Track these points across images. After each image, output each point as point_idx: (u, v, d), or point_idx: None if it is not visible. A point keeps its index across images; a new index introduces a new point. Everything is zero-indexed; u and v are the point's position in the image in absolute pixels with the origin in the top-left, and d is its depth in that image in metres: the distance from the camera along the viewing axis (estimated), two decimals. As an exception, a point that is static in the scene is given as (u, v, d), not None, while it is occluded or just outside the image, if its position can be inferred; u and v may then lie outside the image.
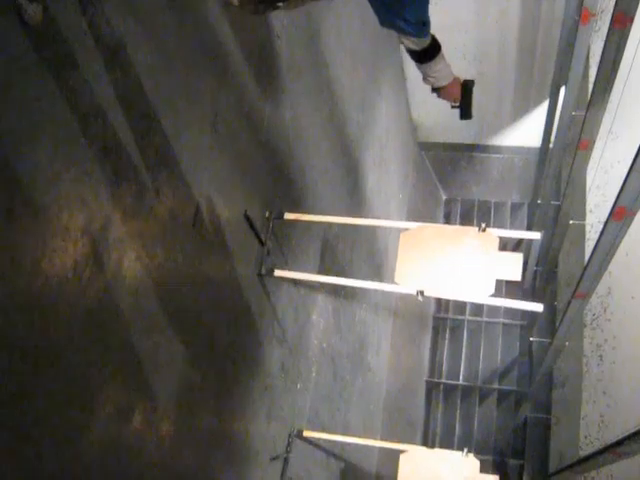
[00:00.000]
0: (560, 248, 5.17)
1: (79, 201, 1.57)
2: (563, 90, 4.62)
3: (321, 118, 3.79)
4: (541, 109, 6.37)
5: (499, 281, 2.76)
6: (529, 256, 6.32)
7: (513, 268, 2.79)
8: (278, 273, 2.96)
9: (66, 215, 1.53)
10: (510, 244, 6.98)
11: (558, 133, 5.02)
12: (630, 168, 1.99)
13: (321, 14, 3.64)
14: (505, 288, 6.11)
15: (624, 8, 2.64)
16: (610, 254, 2.60)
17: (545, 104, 5.70)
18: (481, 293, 2.77)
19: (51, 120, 1.47)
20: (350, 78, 4.42)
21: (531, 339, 6.99)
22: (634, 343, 3.62)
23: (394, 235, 5.05)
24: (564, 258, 5.65)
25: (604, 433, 3.89)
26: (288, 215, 3.03)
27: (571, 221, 4.60)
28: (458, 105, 2.37)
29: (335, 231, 4.15)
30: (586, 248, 4.60)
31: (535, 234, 3.19)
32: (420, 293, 2.80)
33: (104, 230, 1.68)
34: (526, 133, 7.07)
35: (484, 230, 2.85)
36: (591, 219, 4.58)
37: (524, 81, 6.42)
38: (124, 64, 1.75)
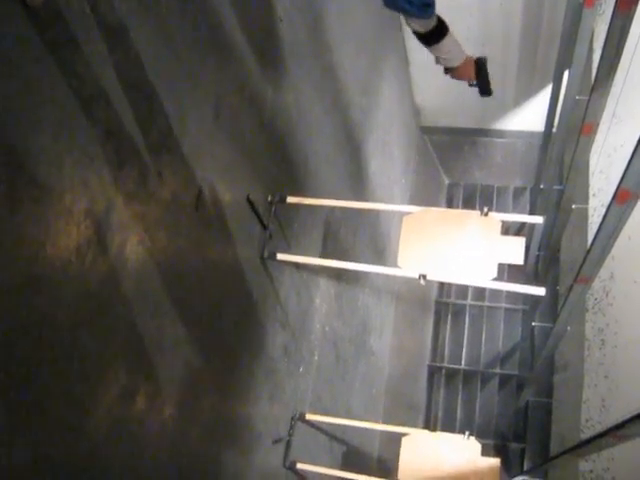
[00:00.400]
0: (562, 232, 5.16)
1: (82, 184, 1.58)
2: (567, 74, 4.59)
3: (324, 102, 3.77)
4: (544, 93, 6.33)
5: (501, 265, 2.76)
6: (531, 241, 6.31)
7: (515, 252, 2.79)
8: (281, 257, 2.97)
9: (69, 198, 1.53)
10: (512, 229, 6.96)
11: (561, 117, 4.99)
12: (634, 151, 1.98)
13: (324, -3, 3.62)
14: (507, 273, 6.12)
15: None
16: (613, 238, 2.59)
17: (548, 88, 5.66)
18: (483, 277, 2.77)
19: (53, 102, 1.47)
20: (353, 62, 4.40)
21: (533, 324, 7.00)
22: (636, 327, 3.63)
23: (397, 219, 5.05)
24: (567, 243, 5.64)
25: (605, 417, 3.91)
26: (291, 199, 3.02)
27: (574, 205, 4.58)
28: (475, 84, 2.37)
29: (337, 215, 4.15)
30: (589, 232, 4.58)
31: (538, 218, 3.18)
32: (422, 277, 2.80)
33: (107, 213, 1.69)
34: (529, 117, 7.03)
35: (486, 214, 2.84)
36: (594, 203, 4.56)
37: (527, 65, 6.38)
38: (126, 46, 1.74)
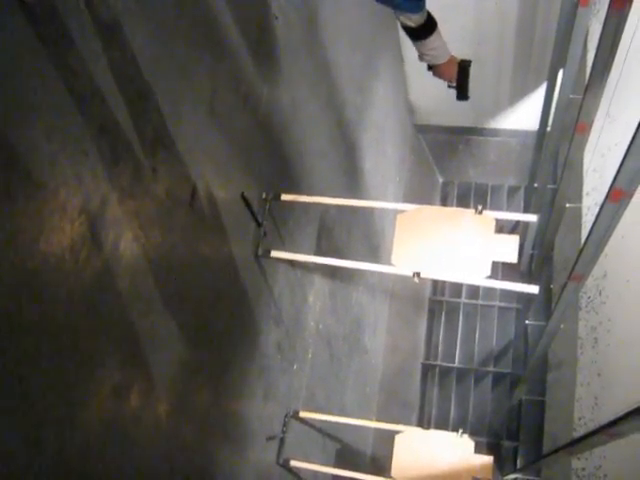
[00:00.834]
0: (556, 231, 5.17)
1: (76, 180, 1.57)
2: (561, 73, 4.60)
3: (319, 100, 3.77)
4: (539, 92, 6.34)
5: (495, 264, 2.77)
6: (525, 239, 6.32)
7: (509, 250, 2.79)
8: (275, 254, 2.97)
9: (63, 194, 1.52)
10: (507, 228, 6.98)
11: (555, 116, 5.00)
12: (627, 150, 1.99)
13: (319, -6, 3.62)
14: (501, 271, 6.13)
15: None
16: (606, 236, 2.60)
17: (543, 87, 5.67)
18: (477, 275, 2.77)
19: (48, 98, 1.46)
20: (348, 60, 4.40)
21: (526, 322, 7.02)
22: (629, 326, 3.64)
23: (391, 217, 5.05)
24: (560, 241, 5.66)
25: (598, 415, 3.92)
26: (285, 196, 3.02)
27: (568, 204, 4.60)
28: (454, 85, 2.35)
29: (332, 213, 4.15)
30: (582, 231, 4.60)
31: (532, 216, 3.19)
32: (416, 275, 2.81)
33: (101, 210, 1.68)
34: (524, 116, 7.05)
35: (481, 212, 2.85)
36: (587, 202, 4.57)
37: (522, 64, 6.39)
38: (121, 42, 1.74)
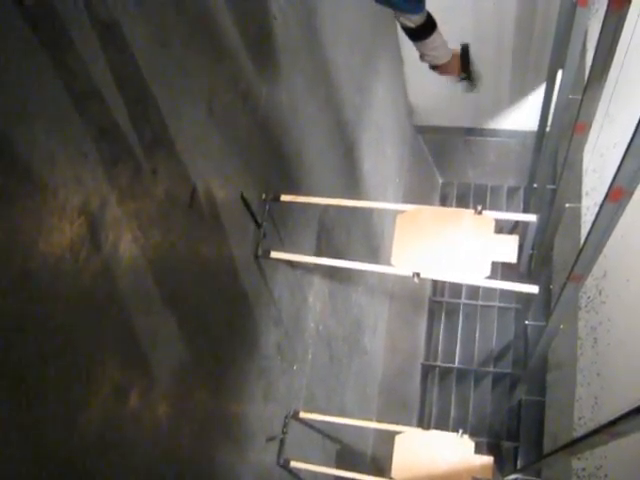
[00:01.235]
0: (556, 231, 5.17)
1: (76, 181, 1.57)
2: (560, 74, 4.60)
3: (318, 100, 3.77)
4: (538, 93, 6.34)
5: (495, 264, 2.77)
6: (525, 239, 6.31)
7: (509, 250, 2.79)
8: (274, 255, 2.97)
9: (62, 195, 1.53)
10: (506, 228, 6.98)
11: (555, 117, 5.00)
12: (627, 149, 1.99)
13: (318, -5, 3.62)
14: (501, 271, 6.13)
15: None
16: (606, 236, 2.60)
17: (542, 88, 5.68)
18: (477, 275, 2.77)
19: (47, 99, 1.46)
20: (347, 60, 4.40)
21: (526, 322, 7.03)
22: (629, 326, 3.64)
23: (390, 218, 5.05)
24: (560, 241, 5.66)
25: (598, 415, 3.92)
26: (284, 197, 3.02)
27: (567, 204, 4.60)
28: (464, 77, 2.35)
29: (331, 214, 4.15)
30: (582, 231, 4.60)
31: (531, 216, 3.19)
32: (416, 275, 2.81)
33: (101, 210, 1.68)
34: (523, 117, 7.05)
35: (480, 213, 2.85)
36: (587, 202, 4.57)
37: (521, 65, 6.39)
38: (120, 44, 1.74)
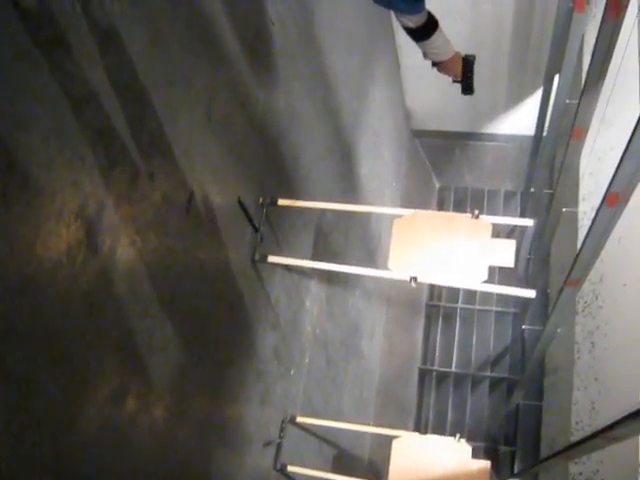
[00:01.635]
0: (553, 236, 5.17)
1: (73, 185, 1.57)
2: (557, 78, 4.62)
3: (315, 105, 3.78)
4: (535, 97, 6.37)
5: (492, 269, 2.77)
6: (522, 244, 6.33)
7: (506, 254, 2.80)
8: (272, 259, 2.97)
9: (60, 199, 1.52)
10: (503, 233, 6.99)
11: (551, 121, 5.02)
12: (623, 153, 1.99)
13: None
14: (498, 276, 6.14)
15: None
16: (602, 240, 2.60)
17: (539, 92, 5.70)
18: (474, 279, 2.78)
19: (45, 104, 1.46)
20: (344, 65, 4.41)
21: (523, 327, 7.02)
22: (626, 330, 3.64)
23: (387, 222, 5.06)
24: (557, 246, 5.66)
25: (595, 419, 3.92)
26: (282, 201, 3.02)
27: (564, 209, 4.60)
28: (459, 80, 2.39)
29: (329, 218, 4.16)
30: (579, 235, 4.60)
31: (528, 221, 3.20)
32: (413, 279, 2.81)
33: (98, 214, 1.68)
34: (520, 121, 7.06)
35: (477, 217, 2.86)
36: (584, 207, 4.58)
37: (518, 69, 6.41)
38: (118, 47, 1.74)
